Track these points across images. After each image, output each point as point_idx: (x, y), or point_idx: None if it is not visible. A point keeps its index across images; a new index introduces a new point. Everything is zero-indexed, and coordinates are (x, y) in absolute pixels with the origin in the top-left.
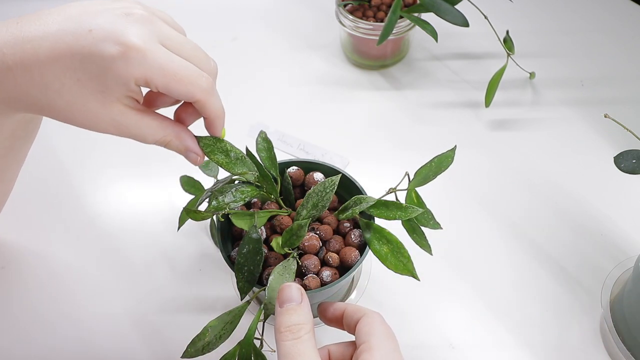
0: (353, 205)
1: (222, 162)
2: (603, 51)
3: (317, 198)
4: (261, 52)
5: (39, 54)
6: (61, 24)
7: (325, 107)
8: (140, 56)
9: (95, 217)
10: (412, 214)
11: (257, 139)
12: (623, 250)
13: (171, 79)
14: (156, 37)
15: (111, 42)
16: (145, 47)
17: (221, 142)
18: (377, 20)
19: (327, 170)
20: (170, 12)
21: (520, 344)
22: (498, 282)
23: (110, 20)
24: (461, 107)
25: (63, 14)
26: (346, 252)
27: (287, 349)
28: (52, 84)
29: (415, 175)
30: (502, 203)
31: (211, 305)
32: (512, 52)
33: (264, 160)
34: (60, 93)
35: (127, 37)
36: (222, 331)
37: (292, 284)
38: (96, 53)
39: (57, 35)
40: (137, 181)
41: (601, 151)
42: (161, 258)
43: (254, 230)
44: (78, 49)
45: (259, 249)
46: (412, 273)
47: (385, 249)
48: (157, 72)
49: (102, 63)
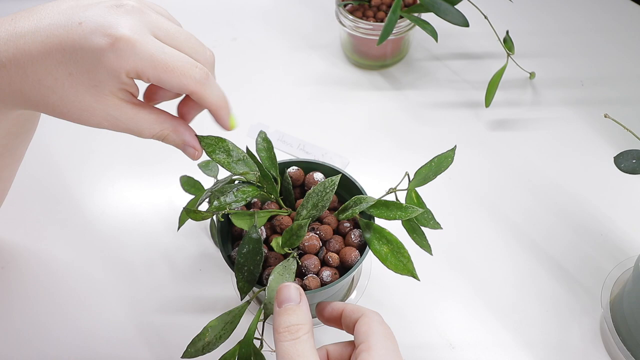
0: (353, 205)
1: (224, 161)
2: (603, 51)
3: (317, 198)
4: (261, 52)
5: (31, 49)
6: (53, 18)
7: (325, 107)
8: (130, 47)
9: (95, 217)
10: (413, 214)
11: (257, 138)
12: (623, 250)
13: (162, 70)
14: (147, 27)
15: (100, 34)
16: (135, 38)
17: (223, 141)
18: (377, 20)
19: (327, 170)
20: (170, 12)
21: (520, 344)
22: (498, 282)
23: (100, 13)
24: (461, 107)
25: (56, 8)
26: (346, 252)
27: (285, 350)
28: (45, 80)
29: (415, 175)
30: (502, 203)
31: (211, 306)
32: (512, 52)
33: (264, 160)
34: (53, 88)
35: (116, 28)
36: (222, 331)
37: (291, 284)
38: (86, 46)
39: (49, 29)
40: (137, 181)
41: (601, 151)
42: (161, 258)
43: (254, 230)
44: (69, 43)
45: (259, 249)
46: (412, 273)
47: (385, 249)
48: (147, 64)
49: (92, 56)
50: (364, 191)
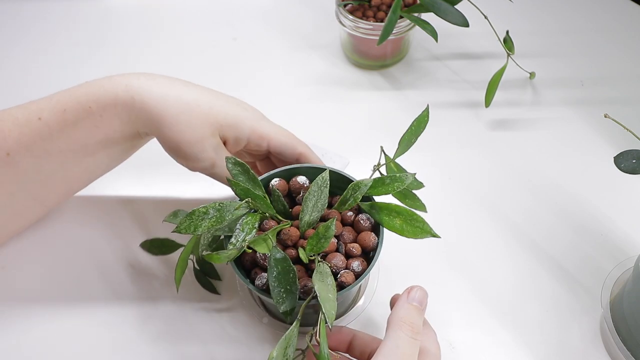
0: (352, 192)
1: (212, 224)
2: (603, 51)
3: (314, 199)
4: (261, 52)
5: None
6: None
7: (325, 107)
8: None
9: (96, 217)
10: (408, 179)
11: (228, 165)
12: (623, 250)
13: (284, 136)
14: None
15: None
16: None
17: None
18: (377, 20)
19: (308, 170)
20: (170, 12)
21: (520, 344)
22: (498, 282)
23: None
24: (461, 107)
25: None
26: (364, 237)
27: (404, 342)
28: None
29: (400, 144)
30: (502, 203)
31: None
32: (512, 52)
33: (245, 183)
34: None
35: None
36: (284, 358)
37: (420, 287)
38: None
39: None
40: (137, 182)
41: (601, 151)
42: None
43: (277, 251)
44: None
45: (288, 267)
46: (431, 233)
47: (398, 221)
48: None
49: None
50: (354, 178)
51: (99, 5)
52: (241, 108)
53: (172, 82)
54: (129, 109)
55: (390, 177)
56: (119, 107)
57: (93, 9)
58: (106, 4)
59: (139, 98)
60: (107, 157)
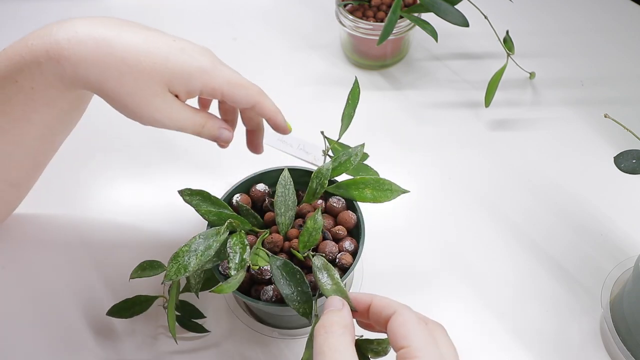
0: (317, 181)
1: (201, 259)
2: (603, 51)
3: (283, 199)
4: (261, 52)
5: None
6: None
7: (325, 107)
8: (218, 70)
9: (96, 217)
10: (361, 150)
11: (185, 198)
12: (623, 250)
13: (235, 86)
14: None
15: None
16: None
17: (180, 258)
18: (377, 20)
19: (263, 176)
20: (170, 12)
21: (520, 344)
22: (498, 282)
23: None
24: (461, 107)
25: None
26: (343, 217)
27: (318, 344)
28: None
29: (343, 120)
30: (502, 203)
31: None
32: (512, 52)
33: (211, 207)
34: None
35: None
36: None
37: (335, 296)
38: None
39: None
40: (137, 182)
41: (601, 151)
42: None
43: (276, 258)
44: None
45: (293, 269)
46: (401, 190)
47: (367, 191)
48: (224, 83)
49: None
50: (312, 168)
51: (99, 5)
52: (188, 56)
53: (103, 32)
54: (60, 77)
55: (344, 153)
56: (47, 73)
57: (93, 9)
58: (106, 4)
59: (69, 64)
60: (56, 119)
